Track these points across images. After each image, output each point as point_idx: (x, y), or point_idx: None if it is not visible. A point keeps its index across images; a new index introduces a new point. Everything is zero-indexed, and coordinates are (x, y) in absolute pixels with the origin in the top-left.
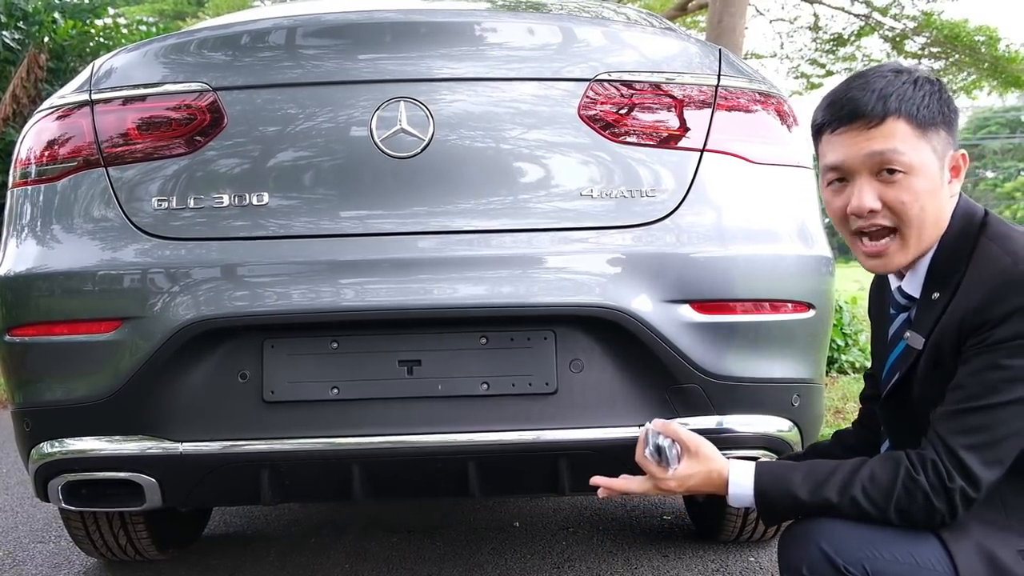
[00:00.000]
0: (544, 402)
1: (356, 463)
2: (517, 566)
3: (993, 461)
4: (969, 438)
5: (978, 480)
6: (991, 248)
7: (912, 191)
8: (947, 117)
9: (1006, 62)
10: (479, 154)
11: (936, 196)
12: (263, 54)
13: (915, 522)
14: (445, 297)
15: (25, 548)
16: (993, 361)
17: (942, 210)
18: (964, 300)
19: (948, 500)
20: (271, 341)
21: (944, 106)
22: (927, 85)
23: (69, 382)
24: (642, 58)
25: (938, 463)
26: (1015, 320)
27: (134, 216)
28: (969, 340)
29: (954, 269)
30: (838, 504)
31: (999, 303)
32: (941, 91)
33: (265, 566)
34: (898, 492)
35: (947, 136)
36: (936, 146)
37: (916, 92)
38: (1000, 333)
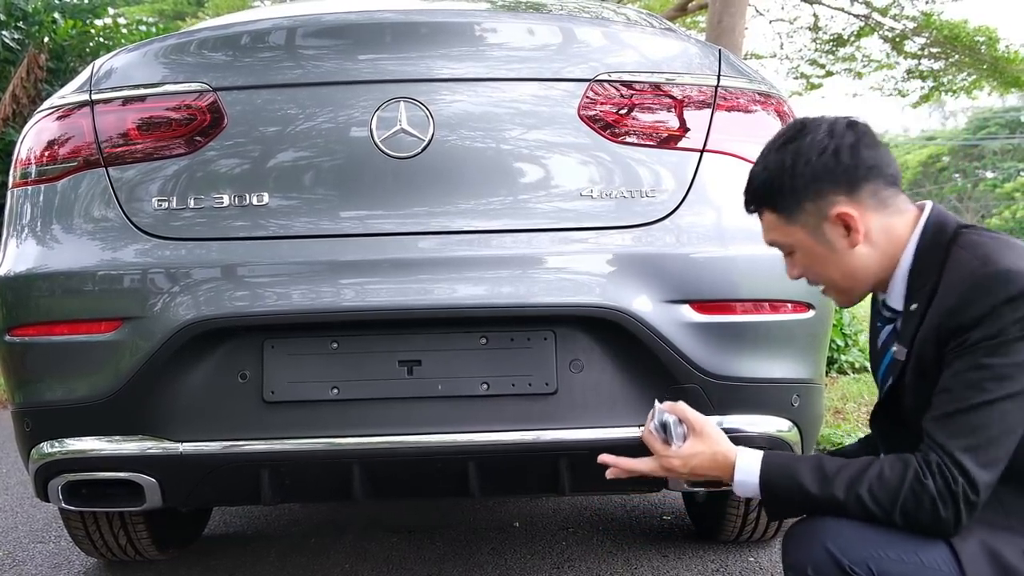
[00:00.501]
0: (544, 402)
1: (356, 463)
2: (517, 566)
3: (989, 462)
4: (964, 440)
5: (976, 482)
6: (961, 255)
7: (806, 265)
8: (810, 189)
9: (1006, 62)
10: (479, 154)
11: (832, 259)
12: (263, 54)
13: (920, 528)
14: (445, 297)
15: (25, 548)
16: (974, 362)
17: (849, 263)
18: (939, 307)
19: (954, 506)
20: (271, 341)
21: (803, 182)
22: (786, 162)
23: (69, 382)
24: (642, 58)
25: (943, 466)
26: (989, 320)
27: (134, 216)
28: (949, 344)
29: (929, 279)
30: (844, 501)
31: (972, 305)
32: (796, 165)
33: (265, 566)
34: (905, 494)
35: (817, 203)
36: (805, 221)
37: (781, 180)
38: (977, 334)
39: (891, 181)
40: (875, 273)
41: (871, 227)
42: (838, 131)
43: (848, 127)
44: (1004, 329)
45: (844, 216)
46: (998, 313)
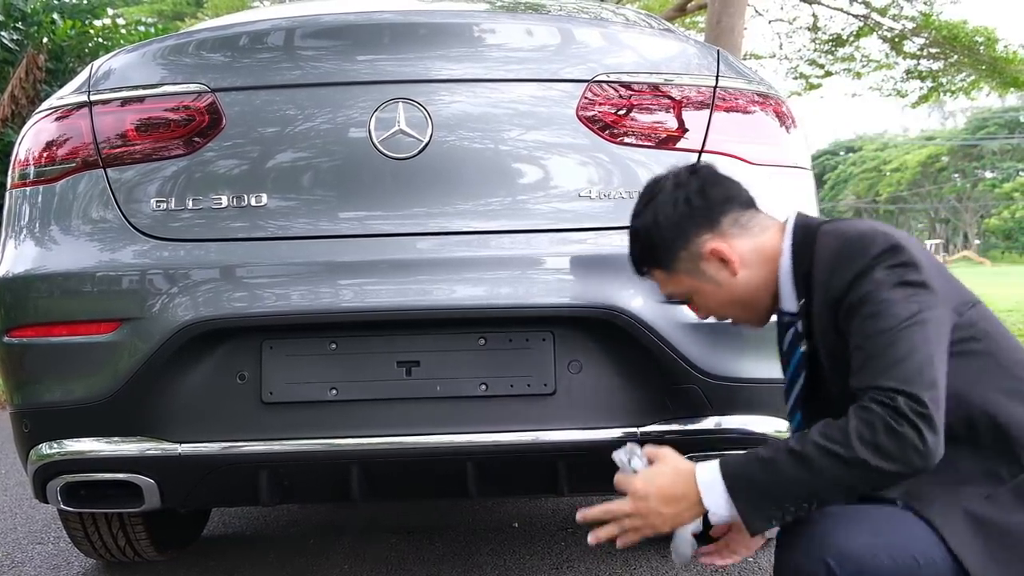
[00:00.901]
0: (542, 403)
1: (355, 464)
2: (516, 566)
3: (921, 382)
4: (887, 373)
5: (916, 395)
6: (824, 239)
7: (706, 304)
8: (679, 238)
9: (1004, 63)
10: (478, 155)
11: (723, 293)
12: (262, 55)
13: (890, 454)
14: (444, 298)
15: (24, 549)
16: (865, 316)
17: (740, 289)
18: (818, 289)
19: (908, 421)
20: (270, 342)
21: (672, 235)
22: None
23: (68, 383)
24: (640, 59)
25: (877, 396)
26: (861, 280)
27: (133, 217)
28: (839, 317)
29: (805, 274)
30: (802, 451)
31: (842, 274)
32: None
33: (264, 567)
34: (855, 426)
35: (690, 249)
36: (685, 267)
37: (652, 239)
38: (855, 295)
39: (746, 205)
40: (765, 290)
41: (743, 252)
42: (683, 180)
43: (691, 174)
44: (877, 282)
45: (715, 251)
46: (866, 271)
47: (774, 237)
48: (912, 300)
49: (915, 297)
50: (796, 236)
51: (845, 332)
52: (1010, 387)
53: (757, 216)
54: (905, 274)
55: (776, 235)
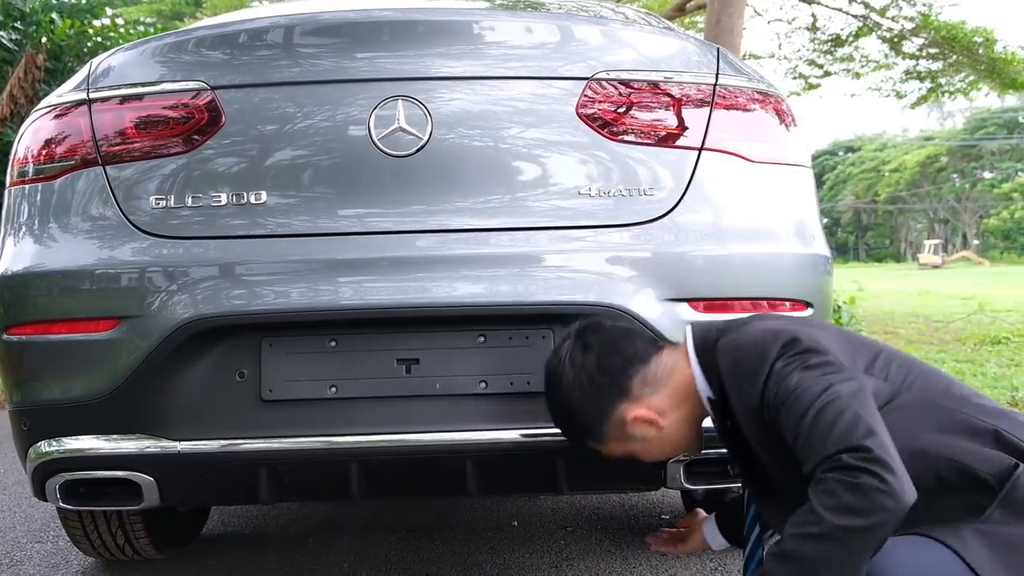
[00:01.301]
0: (542, 401)
1: (354, 462)
2: (515, 565)
3: (858, 435)
4: (826, 444)
5: (863, 446)
6: (723, 359)
7: (648, 455)
8: (598, 417)
9: (1003, 63)
10: (477, 153)
11: (653, 444)
12: (261, 53)
13: (859, 508)
14: (443, 295)
15: (23, 548)
16: (786, 413)
17: (673, 434)
18: (737, 407)
19: (859, 470)
20: (269, 340)
21: (590, 417)
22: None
23: (67, 381)
24: (640, 57)
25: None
26: (767, 388)
27: (132, 215)
28: (765, 419)
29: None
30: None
31: (748, 391)
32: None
33: (263, 566)
34: (818, 500)
35: (612, 421)
36: (614, 436)
37: (576, 424)
38: (768, 401)
39: (646, 357)
40: (692, 424)
41: (661, 405)
42: (580, 361)
43: (584, 351)
44: (781, 378)
45: (637, 419)
46: (768, 375)
47: (683, 370)
48: (820, 378)
49: (822, 374)
50: (701, 360)
51: (778, 431)
52: (948, 423)
53: (660, 361)
54: (806, 359)
55: (683, 364)
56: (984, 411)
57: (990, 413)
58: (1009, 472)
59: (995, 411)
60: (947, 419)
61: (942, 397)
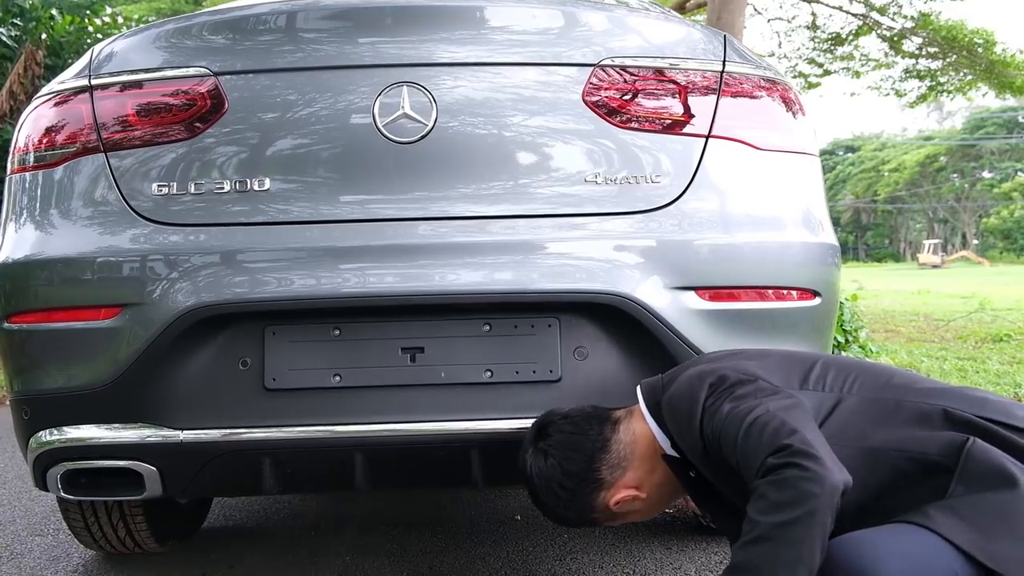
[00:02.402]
0: (548, 390)
1: (358, 451)
2: (519, 558)
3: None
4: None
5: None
6: (665, 412)
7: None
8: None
9: (1002, 65)
10: (483, 140)
11: (642, 510)
12: (264, 38)
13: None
14: (448, 283)
15: (23, 541)
16: (724, 443)
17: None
18: (685, 448)
19: (779, 467)
20: (272, 328)
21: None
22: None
23: (68, 369)
24: (647, 44)
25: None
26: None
27: (134, 201)
28: (711, 455)
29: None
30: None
31: (690, 436)
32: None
33: (265, 559)
34: (752, 507)
35: (600, 505)
36: (606, 517)
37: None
38: (708, 434)
39: (603, 446)
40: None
41: (637, 479)
42: (544, 472)
43: (546, 458)
44: (711, 413)
45: (619, 501)
46: (702, 417)
47: (644, 434)
48: (747, 401)
49: (746, 399)
50: (655, 417)
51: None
52: (894, 415)
53: (619, 439)
54: (732, 391)
55: (642, 428)
56: (927, 394)
57: (933, 394)
58: (960, 448)
59: (938, 391)
60: (892, 412)
61: (884, 391)
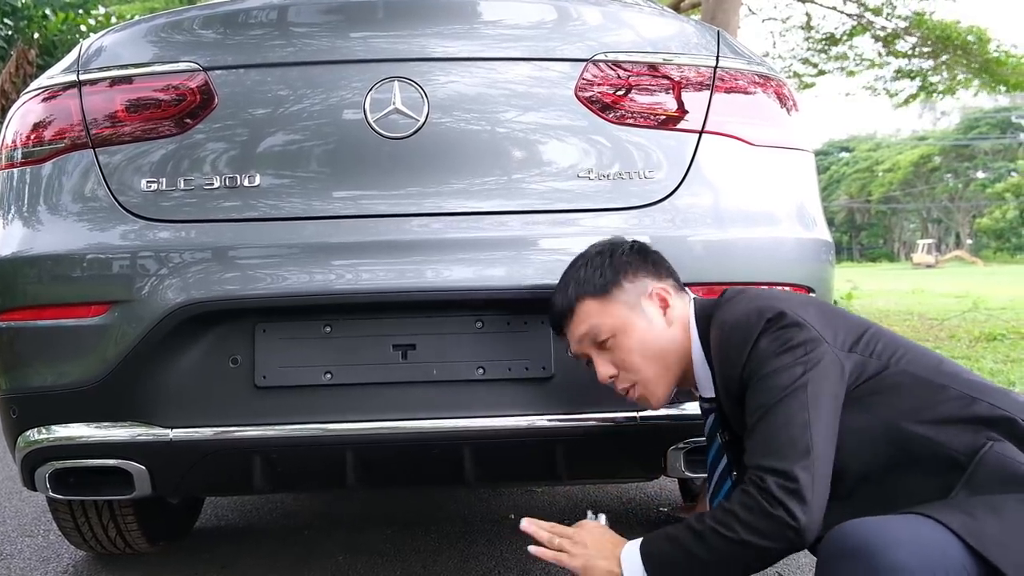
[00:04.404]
0: (541, 387)
1: (349, 449)
2: (512, 557)
3: (792, 453)
4: (762, 451)
5: (787, 473)
6: (715, 333)
7: (625, 348)
8: (628, 272)
9: (996, 64)
10: (475, 135)
11: (648, 336)
12: (254, 33)
13: (766, 534)
14: (440, 280)
15: (13, 542)
16: (752, 394)
17: (664, 342)
18: (720, 381)
19: (779, 503)
20: (263, 325)
21: (620, 266)
22: (597, 259)
23: (57, 367)
24: (640, 39)
25: (754, 477)
26: (749, 360)
27: (122, 197)
28: (741, 389)
29: (710, 362)
30: (700, 531)
31: (731, 366)
32: (612, 256)
33: (258, 559)
34: (736, 511)
35: (635, 284)
36: (626, 298)
37: (588, 272)
38: (747, 373)
39: (680, 286)
40: (681, 360)
41: (675, 310)
42: (627, 245)
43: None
44: (761, 355)
45: (661, 291)
46: (752, 352)
47: (687, 316)
48: (796, 363)
49: (797, 361)
50: (700, 327)
51: None
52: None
53: (681, 297)
54: (787, 339)
55: (686, 316)
56: (973, 387)
57: (979, 389)
58: (979, 450)
59: (985, 387)
60: (935, 395)
61: (931, 373)
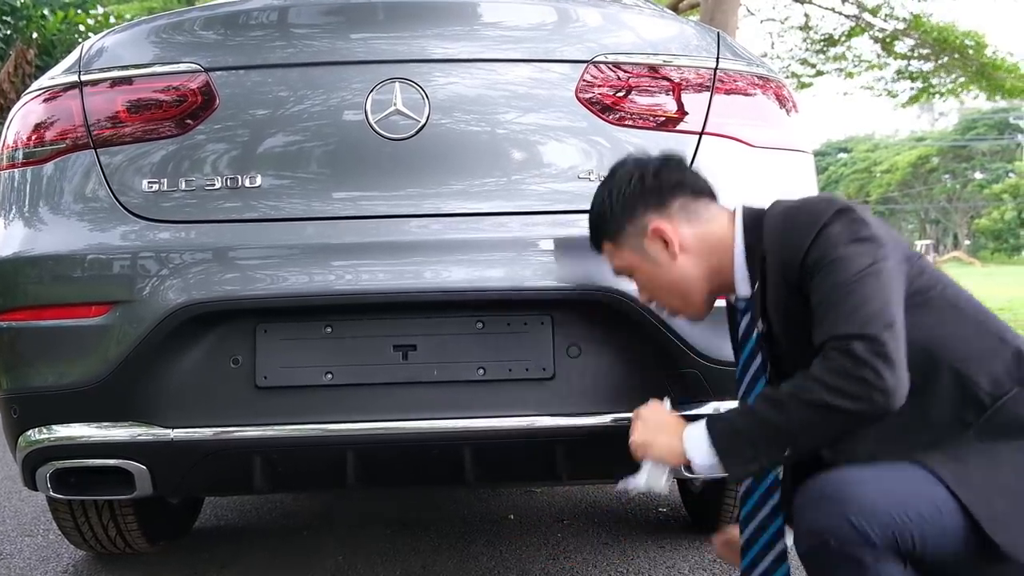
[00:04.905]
0: (541, 388)
1: (350, 450)
2: (512, 557)
3: (875, 320)
4: (841, 320)
5: (869, 335)
6: (771, 219)
7: (643, 284)
8: (628, 211)
9: (992, 68)
10: (476, 136)
11: (657, 274)
12: (256, 34)
13: (852, 394)
14: (440, 281)
15: (13, 541)
16: (822, 274)
17: (675, 276)
18: (773, 268)
19: (864, 362)
20: (264, 325)
21: (624, 205)
22: (613, 193)
23: (58, 367)
24: (641, 40)
25: (836, 344)
26: (814, 246)
27: (124, 198)
28: (800, 281)
29: (758, 259)
30: (777, 397)
31: (794, 245)
32: (623, 191)
33: (257, 559)
34: (819, 374)
35: (635, 224)
36: (630, 242)
37: (604, 211)
38: (810, 259)
39: (699, 194)
40: (704, 280)
41: (685, 238)
42: (644, 161)
43: (656, 158)
44: (831, 240)
45: (658, 230)
46: (819, 236)
47: (723, 226)
48: (865, 254)
49: (868, 251)
50: (746, 221)
51: (806, 292)
52: (971, 331)
53: (708, 206)
54: (857, 230)
55: (726, 224)
56: (1008, 330)
57: (1013, 333)
58: (1003, 395)
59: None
60: (970, 328)
61: (971, 308)
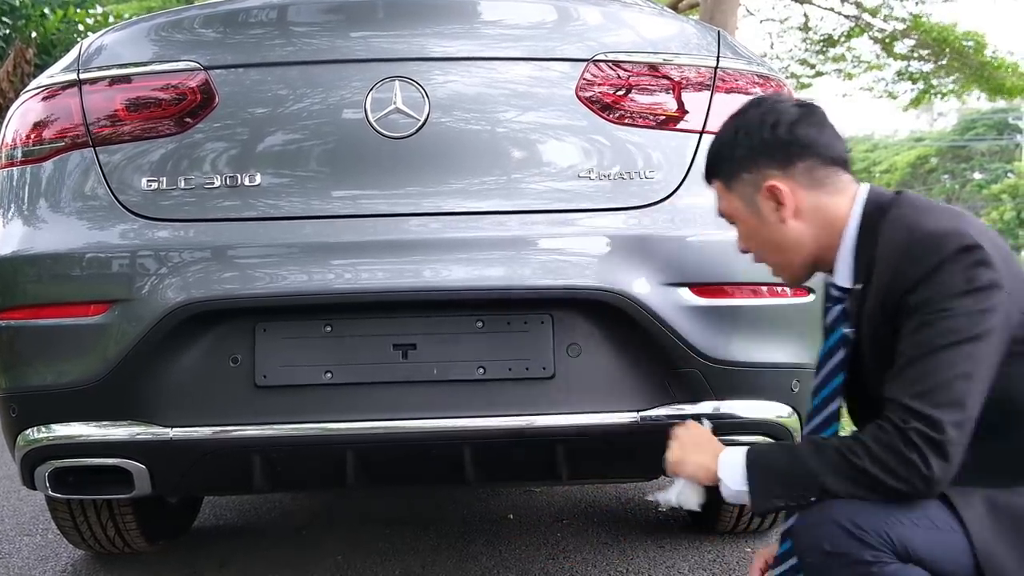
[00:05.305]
0: (541, 387)
1: (350, 449)
2: (512, 557)
3: (944, 403)
4: (913, 388)
5: (934, 420)
6: (892, 231)
7: (747, 236)
8: (749, 161)
9: (992, 68)
10: (476, 134)
11: (763, 230)
12: (255, 32)
13: (895, 473)
14: (440, 279)
15: (11, 541)
16: (920, 321)
17: (779, 238)
18: (879, 283)
19: (917, 449)
20: (263, 324)
21: (748, 152)
22: (740, 134)
23: (56, 366)
24: (641, 39)
25: (898, 414)
26: (925, 284)
27: (123, 196)
28: (899, 316)
29: (868, 257)
30: (823, 445)
31: (907, 274)
32: (749, 135)
33: (256, 558)
34: (870, 442)
35: (753, 175)
36: (742, 191)
37: (725, 150)
38: (917, 297)
39: (829, 161)
40: (809, 250)
41: (803, 204)
42: (783, 108)
43: (798, 106)
44: (942, 287)
45: (774, 189)
46: (933, 275)
47: (845, 204)
48: (973, 314)
49: (977, 308)
50: (866, 212)
51: (898, 326)
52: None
53: (837, 176)
54: (974, 277)
55: (848, 203)
56: None
57: None
58: None
59: None
60: None
61: None
